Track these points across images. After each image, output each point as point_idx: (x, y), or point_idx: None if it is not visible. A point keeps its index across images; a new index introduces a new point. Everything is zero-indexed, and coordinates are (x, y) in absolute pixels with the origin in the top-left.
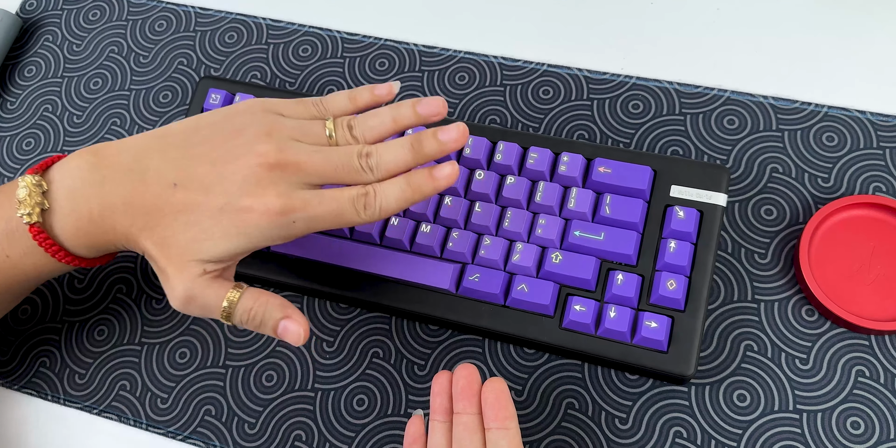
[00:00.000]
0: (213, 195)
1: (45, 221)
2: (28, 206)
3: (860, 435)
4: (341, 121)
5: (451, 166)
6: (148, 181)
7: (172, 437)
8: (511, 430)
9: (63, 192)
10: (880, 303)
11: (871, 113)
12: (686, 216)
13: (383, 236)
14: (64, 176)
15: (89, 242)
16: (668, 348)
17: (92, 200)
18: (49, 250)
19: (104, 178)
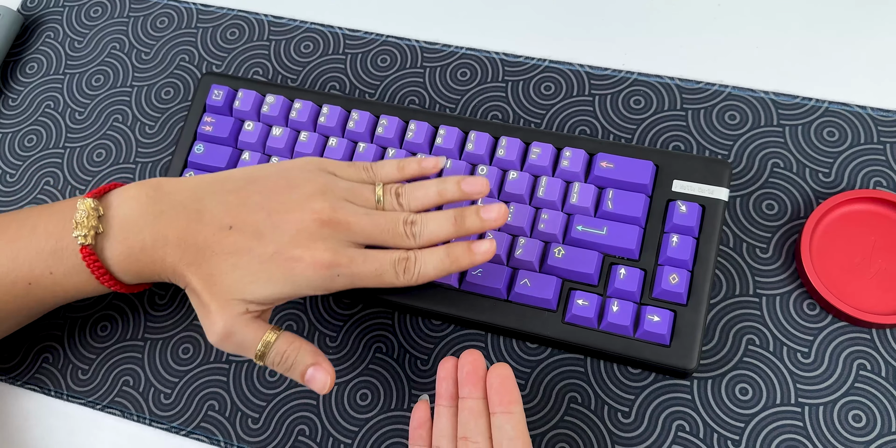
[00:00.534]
0: (265, 242)
1: (96, 245)
2: (84, 229)
3: (862, 428)
4: (390, 188)
5: (490, 244)
6: (204, 221)
7: (176, 432)
8: (516, 415)
9: (119, 219)
10: (881, 296)
11: (871, 108)
12: (688, 211)
13: None
14: (122, 204)
15: (136, 270)
16: (671, 342)
17: (146, 231)
18: (96, 273)
19: (161, 212)
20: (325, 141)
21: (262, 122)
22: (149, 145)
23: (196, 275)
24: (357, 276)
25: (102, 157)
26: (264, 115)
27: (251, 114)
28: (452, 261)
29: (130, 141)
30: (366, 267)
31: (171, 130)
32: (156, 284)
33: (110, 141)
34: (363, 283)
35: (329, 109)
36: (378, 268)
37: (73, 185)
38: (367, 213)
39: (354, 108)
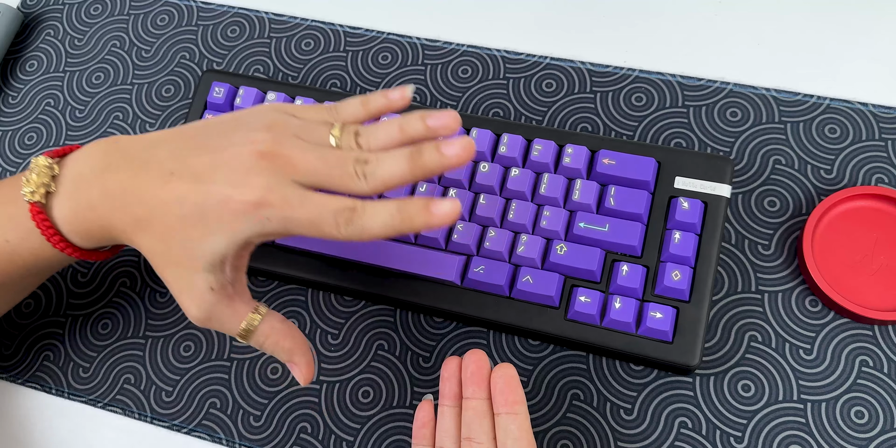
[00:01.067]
0: (201, 183)
1: (47, 204)
2: (33, 185)
3: (864, 424)
4: (350, 127)
5: (453, 204)
6: (149, 169)
7: (177, 430)
8: (520, 415)
9: (70, 177)
10: (883, 293)
11: (873, 105)
12: (690, 207)
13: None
14: (76, 161)
15: (85, 230)
16: (673, 339)
17: (94, 186)
18: (45, 233)
19: (109, 164)
20: None
21: None
22: None
23: (146, 238)
24: (290, 220)
25: None
26: None
27: None
28: (404, 218)
29: None
30: (301, 211)
31: None
32: (157, 283)
33: None
34: (298, 230)
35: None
36: (316, 215)
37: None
38: (315, 148)
39: None
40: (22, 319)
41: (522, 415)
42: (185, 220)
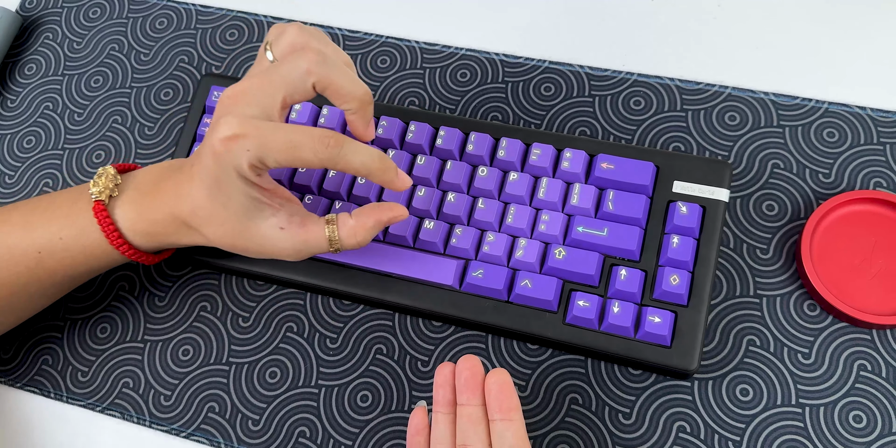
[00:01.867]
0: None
1: (109, 205)
2: (101, 186)
3: (862, 429)
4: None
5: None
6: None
7: (176, 434)
8: (515, 422)
9: (131, 185)
10: (882, 297)
11: (871, 109)
12: (689, 211)
13: (386, 233)
14: (136, 175)
15: (146, 228)
16: (672, 343)
17: (152, 194)
18: (106, 229)
19: (161, 175)
20: None
21: None
22: (148, 146)
23: (213, 230)
24: (266, 146)
25: (102, 159)
26: None
27: None
28: (382, 167)
29: (130, 142)
30: (277, 135)
31: (171, 132)
32: (156, 287)
33: (109, 142)
34: (276, 157)
35: (329, 111)
36: (293, 138)
37: (73, 186)
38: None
39: None
40: (21, 323)
41: (518, 421)
42: (210, 191)
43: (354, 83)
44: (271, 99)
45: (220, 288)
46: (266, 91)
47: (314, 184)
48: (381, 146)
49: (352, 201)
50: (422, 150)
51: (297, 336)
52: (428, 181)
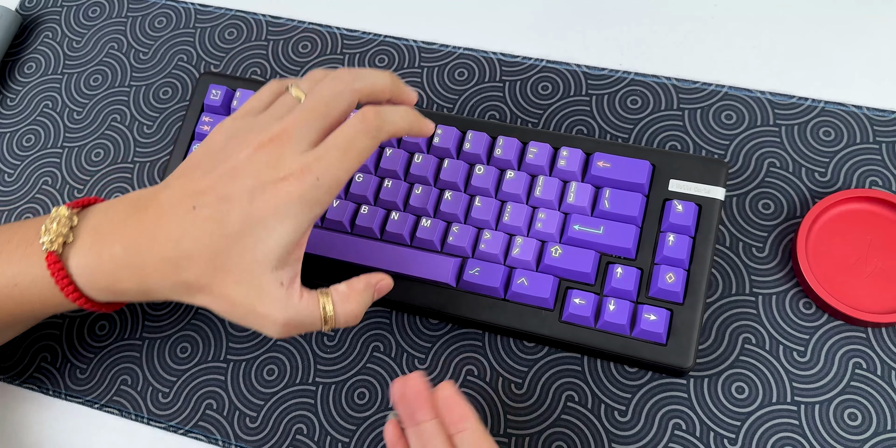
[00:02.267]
0: (234, 195)
1: (63, 254)
2: (52, 234)
3: (857, 426)
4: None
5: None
6: (170, 212)
7: (174, 431)
8: (469, 429)
9: (89, 228)
10: (877, 295)
11: (867, 108)
12: (684, 210)
13: (384, 231)
14: (96, 214)
15: (107, 285)
16: (667, 341)
17: (115, 240)
18: (60, 283)
19: (128, 217)
20: None
21: None
22: (147, 145)
23: (190, 273)
24: (333, 158)
25: (101, 157)
26: None
27: None
28: (416, 117)
29: (129, 140)
30: (333, 147)
31: (170, 130)
32: None
33: (108, 140)
34: (343, 164)
35: None
36: (345, 138)
37: (72, 184)
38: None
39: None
40: None
41: (472, 428)
42: (234, 236)
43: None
44: (315, 133)
45: None
46: (312, 124)
47: None
48: (379, 145)
49: (349, 199)
50: (419, 149)
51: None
52: (425, 179)
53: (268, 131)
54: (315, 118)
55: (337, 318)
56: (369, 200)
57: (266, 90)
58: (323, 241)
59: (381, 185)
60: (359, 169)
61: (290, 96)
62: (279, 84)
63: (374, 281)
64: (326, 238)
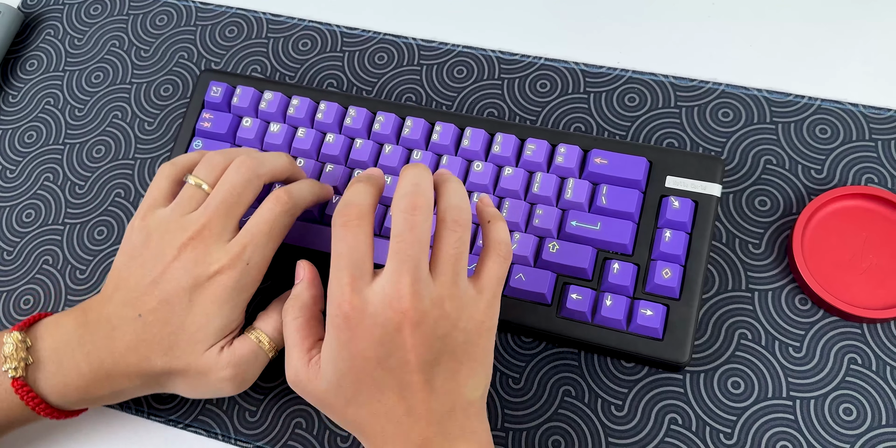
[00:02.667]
0: (173, 294)
1: (28, 376)
2: (14, 361)
3: (852, 421)
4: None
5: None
6: (120, 326)
7: (174, 425)
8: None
9: (48, 350)
10: (872, 292)
11: (863, 106)
12: (681, 206)
13: (382, 227)
14: (50, 335)
15: (79, 397)
16: (664, 336)
17: (78, 359)
18: (31, 403)
19: (83, 335)
20: (322, 137)
21: (260, 119)
22: (148, 141)
23: (161, 369)
24: (259, 245)
25: (102, 153)
26: (262, 112)
27: (249, 110)
28: (318, 187)
29: (130, 137)
30: (257, 232)
31: (170, 127)
32: None
33: (110, 137)
34: (271, 245)
35: (326, 106)
36: (266, 221)
37: (73, 180)
38: (208, 204)
39: (351, 104)
40: (22, 315)
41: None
42: (181, 330)
43: (281, 160)
44: (233, 218)
45: None
46: (227, 210)
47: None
48: (378, 142)
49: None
50: (418, 145)
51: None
52: None
53: (187, 230)
54: (229, 209)
55: (274, 341)
56: None
57: (162, 179)
58: (322, 236)
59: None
60: (360, 166)
61: (193, 187)
62: (172, 169)
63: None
64: (324, 233)
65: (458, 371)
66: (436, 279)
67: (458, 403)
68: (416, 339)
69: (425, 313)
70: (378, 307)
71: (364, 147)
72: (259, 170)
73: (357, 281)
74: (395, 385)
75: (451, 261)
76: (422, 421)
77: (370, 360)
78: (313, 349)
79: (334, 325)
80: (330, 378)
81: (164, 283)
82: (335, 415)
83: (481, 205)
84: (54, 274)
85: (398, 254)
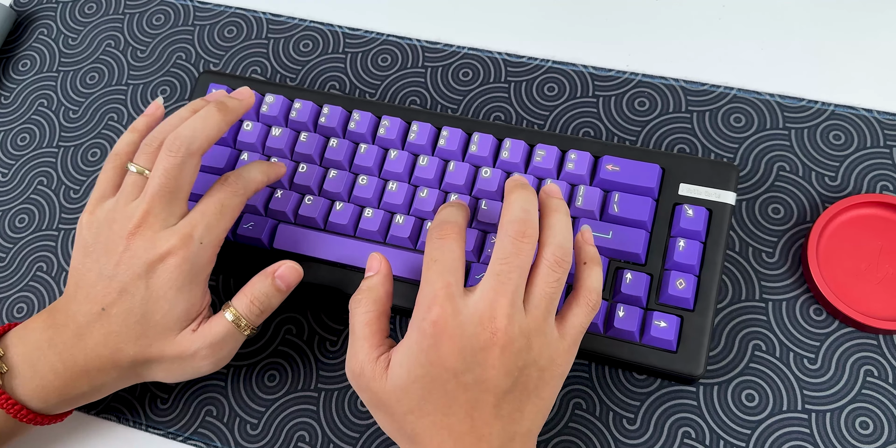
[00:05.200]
0: (130, 283)
1: (4, 383)
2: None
3: (869, 435)
4: (137, 157)
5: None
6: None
7: (173, 438)
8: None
9: (20, 356)
10: (888, 302)
11: (877, 111)
12: (695, 214)
13: (387, 235)
14: (20, 340)
15: (59, 398)
16: (678, 348)
17: (51, 360)
18: (11, 410)
19: (52, 337)
20: (325, 142)
21: (261, 123)
22: None
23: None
24: (211, 226)
25: (97, 157)
26: (263, 115)
27: (250, 114)
28: (266, 166)
29: None
30: (208, 212)
31: None
32: None
33: (105, 140)
34: (222, 226)
35: (329, 110)
36: (217, 201)
37: (67, 184)
38: (146, 191)
39: (356, 108)
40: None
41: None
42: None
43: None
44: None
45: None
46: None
47: (314, 185)
48: (383, 146)
49: (352, 202)
50: (424, 151)
51: (297, 339)
52: (431, 183)
53: (132, 219)
54: (169, 193)
55: (248, 317)
56: (373, 204)
57: (108, 170)
58: (326, 246)
59: (384, 188)
60: (364, 172)
61: (135, 175)
62: (116, 159)
63: (270, 270)
64: (329, 242)
65: (525, 404)
66: (528, 312)
67: (518, 435)
68: (499, 361)
69: (513, 340)
70: (469, 319)
71: (369, 152)
72: (191, 146)
73: (451, 287)
74: (465, 401)
75: (547, 299)
76: (483, 443)
77: (448, 370)
78: (382, 346)
79: (419, 328)
80: (398, 381)
81: (120, 275)
82: (390, 419)
83: (581, 241)
84: (48, 281)
85: (499, 275)
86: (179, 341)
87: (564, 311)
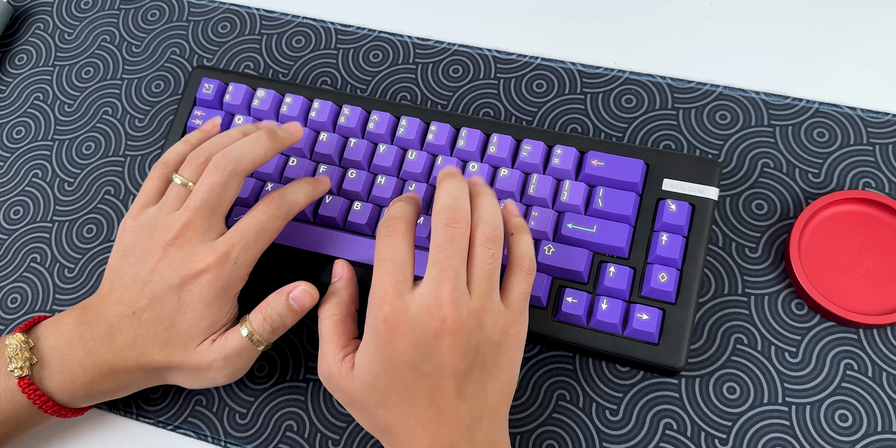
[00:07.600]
0: (163, 292)
1: (33, 375)
2: (18, 361)
3: (848, 427)
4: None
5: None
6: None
7: (163, 426)
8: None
9: (50, 350)
10: (869, 297)
11: (861, 109)
12: (678, 209)
13: (375, 228)
14: (51, 334)
15: (86, 393)
16: (659, 340)
17: (80, 357)
18: (37, 401)
19: (83, 334)
20: (315, 136)
21: (253, 117)
22: (138, 138)
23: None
24: (248, 242)
25: (92, 150)
26: (255, 110)
27: (241, 108)
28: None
29: (120, 134)
30: (247, 233)
31: (161, 124)
32: None
33: (100, 134)
34: (258, 247)
35: (320, 104)
36: (258, 223)
37: (62, 177)
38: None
39: (346, 103)
40: (9, 314)
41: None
42: (173, 325)
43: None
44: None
45: None
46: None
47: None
48: (372, 141)
49: (371, 201)
50: (413, 145)
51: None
52: (418, 177)
53: (171, 230)
54: (211, 209)
55: (262, 335)
56: (362, 197)
57: (154, 178)
58: (319, 238)
59: (373, 182)
60: (353, 166)
61: (178, 186)
62: (164, 168)
63: (286, 289)
64: (323, 236)
65: (487, 381)
66: (471, 292)
67: (485, 413)
68: (452, 346)
69: (462, 322)
70: (418, 312)
71: (358, 146)
72: (237, 167)
73: (400, 285)
74: (427, 390)
75: (486, 276)
76: (451, 426)
77: (406, 363)
78: (348, 347)
79: (373, 327)
80: (363, 378)
81: (154, 282)
82: (363, 414)
83: (507, 214)
84: (42, 272)
85: (438, 263)
86: (198, 352)
87: (505, 284)
